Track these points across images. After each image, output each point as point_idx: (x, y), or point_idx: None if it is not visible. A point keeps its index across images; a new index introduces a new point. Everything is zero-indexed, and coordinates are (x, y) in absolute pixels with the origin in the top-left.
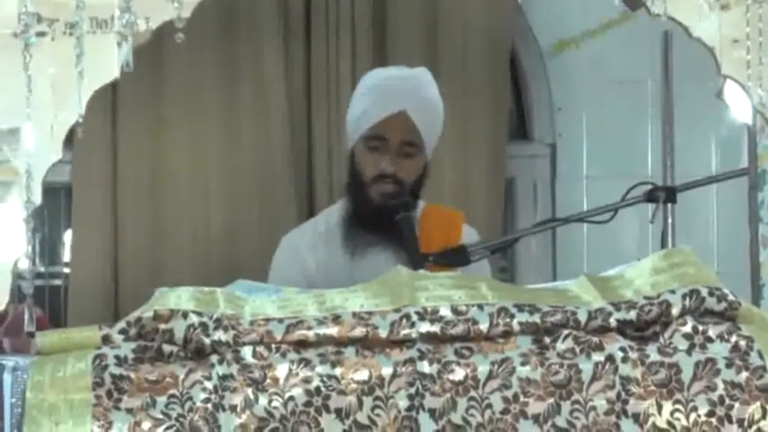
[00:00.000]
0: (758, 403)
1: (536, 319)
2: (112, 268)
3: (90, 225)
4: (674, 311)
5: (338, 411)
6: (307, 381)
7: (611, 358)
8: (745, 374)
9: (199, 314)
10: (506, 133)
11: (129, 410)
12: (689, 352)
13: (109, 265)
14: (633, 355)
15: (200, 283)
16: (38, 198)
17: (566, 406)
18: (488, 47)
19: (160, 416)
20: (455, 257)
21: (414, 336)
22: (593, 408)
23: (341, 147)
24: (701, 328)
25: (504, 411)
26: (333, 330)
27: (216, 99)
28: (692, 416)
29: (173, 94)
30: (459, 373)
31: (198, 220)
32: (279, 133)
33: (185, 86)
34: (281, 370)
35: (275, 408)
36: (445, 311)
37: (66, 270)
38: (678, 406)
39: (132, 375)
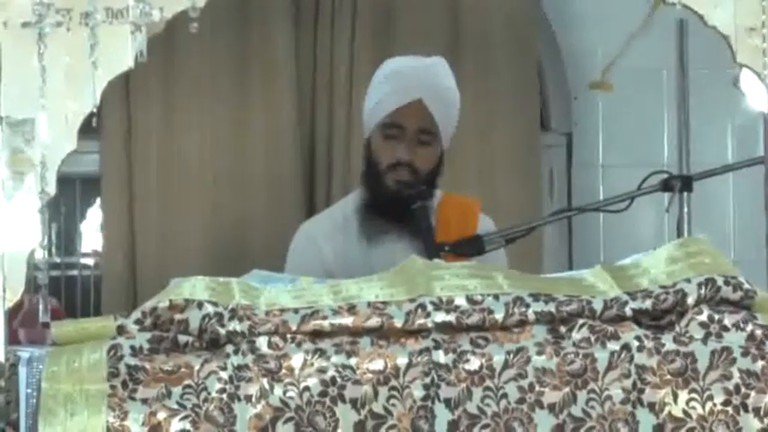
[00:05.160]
0: None
1: (551, 308)
2: (131, 257)
3: (114, 215)
4: (690, 300)
5: (353, 401)
6: (322, 371)
7: (626, 347)
8: (761, 363)
9: (214, 304)
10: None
11: (145, 401)
12: (704, 341)
13: (129, 255)
14: (649, 344)
15: (212, 271)
16: (52, 188)
17: (581, 395)
18: (512, 32)
19: (175, 406)
20: (471, 247)
21: (429, 325)
22: (609, 397)
23: (349, 134)
24: (716, 316)
25: (520, 401)
26: (348, 320)
27: (227, 86)
28: (708, 405)
29: (184, 82)
30: (474, 363)
31: (209, 206)
32: (289, 121)
33: (197, 74)
34: (297, 360)
35: (290, 398)
36: (461, 301)
37: (83, 261)
38: (694, 395)
39: (147, 366)
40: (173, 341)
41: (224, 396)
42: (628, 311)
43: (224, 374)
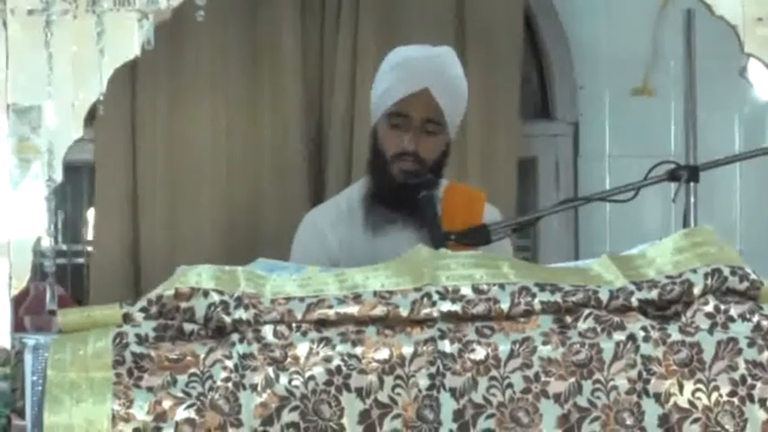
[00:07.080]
0: None
1: (557, 298)
2: (133, 245)
3: (111, 202)
4: (696, 291)
5: (359, 390)
6: (327, 360)
7: (632, 337)
8: (767, 354)
9: (220, 293)
10: (518, 111)
11: (150, 389)
12: (710, 331)
13: (129, 243)
14: (655, 334)
15: (218, 259)
16: (59, 176)
17: (587, 385)
18: (505, 23)
19: (181, 394)
20: (476, 236)
21: (435, 315)
22: (615, 387)
23: (355, 124)
24: (722, 307)
25: (525, 391)
26: (354, 309)
27: (235, 75)
28: (714, 395)
29: (192, 70)
30: (480, 353)
31: (217, 195)
32: (296, 111)
33: (204, 63)
34: (302, 349)
35: (296, 386)
36: (466, 290)
37: (89, 248)
38: (700, 385)
39: (153, 354)
40: (178, 329)
41: (229, 385)
42: (634, 301)
43: (229, 363)
